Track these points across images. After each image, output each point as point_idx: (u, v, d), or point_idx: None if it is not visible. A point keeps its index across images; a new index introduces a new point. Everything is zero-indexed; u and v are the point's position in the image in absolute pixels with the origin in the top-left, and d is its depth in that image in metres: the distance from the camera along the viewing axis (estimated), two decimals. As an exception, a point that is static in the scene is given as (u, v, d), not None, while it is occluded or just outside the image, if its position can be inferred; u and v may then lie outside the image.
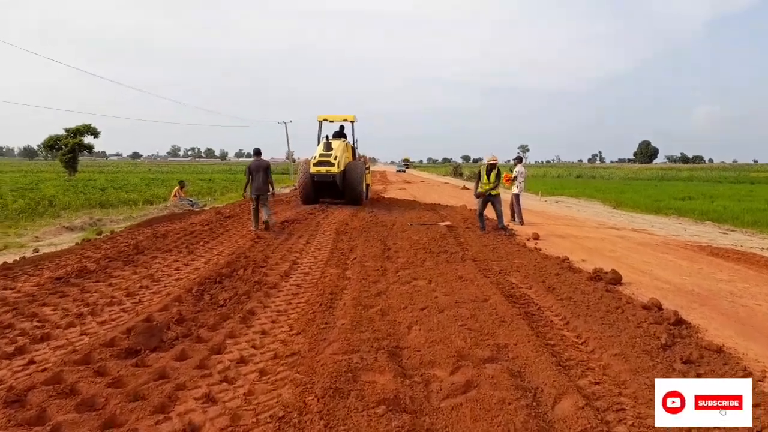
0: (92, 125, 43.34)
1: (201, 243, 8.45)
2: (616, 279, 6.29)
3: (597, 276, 6.30)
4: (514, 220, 12.27)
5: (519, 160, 13.38)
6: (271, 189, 10.21)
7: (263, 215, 10.07)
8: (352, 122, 17.38)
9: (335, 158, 14.78)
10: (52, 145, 43.24)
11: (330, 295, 5.33)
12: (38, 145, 45.66)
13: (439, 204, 17.17)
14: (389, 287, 5.71)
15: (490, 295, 5.27)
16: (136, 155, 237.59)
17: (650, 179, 51.80)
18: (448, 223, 11.23)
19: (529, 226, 11.66)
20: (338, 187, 15.14)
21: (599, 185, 34.82)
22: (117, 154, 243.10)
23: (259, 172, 9.99)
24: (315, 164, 14.86)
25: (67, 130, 42.38)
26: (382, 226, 10.70)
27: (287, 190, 25.33)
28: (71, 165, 41.85)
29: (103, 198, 18.54)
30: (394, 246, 8.30)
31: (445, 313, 4.60)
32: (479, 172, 10.72)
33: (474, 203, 12.35)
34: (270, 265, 6.83)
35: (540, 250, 8.53)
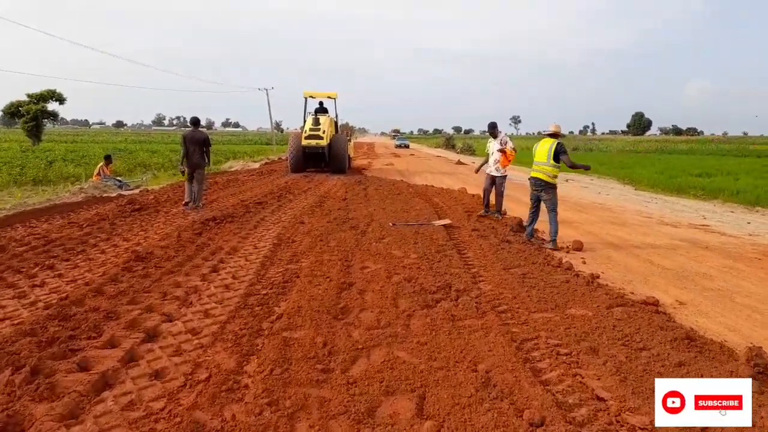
0: (57, 91, 40.03)
1: (48, 265, 5.08)
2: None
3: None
4: (498, 213, 8.72)
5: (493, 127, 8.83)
6: (207, 161, 9.33)
7: (194, 191, 9.03)
8: (335, 99, 18.66)
9: (323, 132, 16.42)
10: (13, 112, 39.85)
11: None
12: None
13: (432, 186, 13.78)
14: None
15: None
16: (120, 124, 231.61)
17: (650, 152, 49.95)
18: (446, 221, 7.91)
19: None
20: (325, 158, 16.91)
21: (601, 158, 32.40)
22: (100, 123, 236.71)
23: (196, 144, 9.07)
24: (306, 137, 16.50)
25: (29, 96, 38.96)
26: (351, 227, 7.35)
27: (267, 159, 21.74)
28: (34, 134, 38.74)
29: (45, 173, 15.75)
30: (361, 275, 4.99)
31: None
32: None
33: (475, 184, 8.92)
34: (92, 347, 3.49)
35: (599, 278, 5.27)
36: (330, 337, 3.48)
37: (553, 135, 6.84)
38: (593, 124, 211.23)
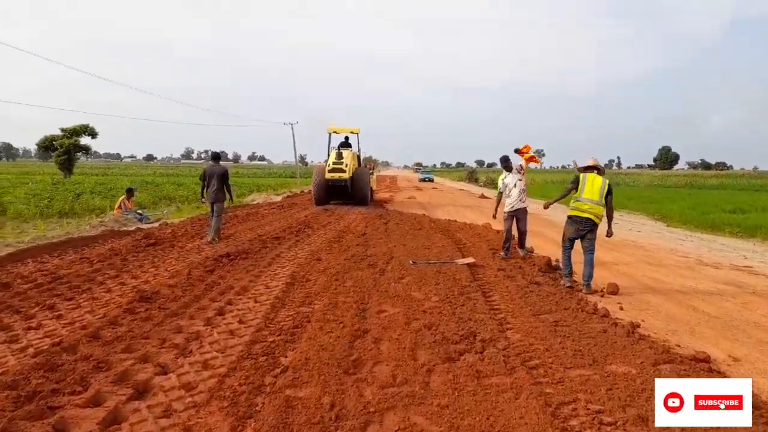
0: (90, 125, 41.56)
1: (49, 305, 4.83)
2: None
3: None
4: (524, 249, 8.14)
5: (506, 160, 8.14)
6: (229, 196, 9.51)
7: (212, 225, 9.15)
8: (357, 134, 19.49)
9: (346, 165, 17.03)
10: (47, 146, 41.33)
11: None
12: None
13: (455, 221, 13.37)
14: None
15: None
16: (150, 157, 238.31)
17: (678, 186, 49.07)
18: (469, 259, 7.49)
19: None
20: (348, 190, 17.36)
21: (629, 193, 31.44)
22: (131, 156, 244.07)
23: (213, 178, 9.19)
24: (330, 171, 17.07)
25: (63, 130, 40.41)
26: (369, 265, 6.99)
27: (290, 192, 21.68)
28: (66, 167, 40.08)
29: (72, 205, 16.10)
30: (377, 321, 4.60)
31: None
32: (577, 179, 6.35)
33: (500, 219, 8.40)
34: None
35: (639, 328, 4.79)
36: (339, 396, 3.08)
37: (595, 170, 6.42)
38: (618, 158, 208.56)
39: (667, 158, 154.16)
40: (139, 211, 13.33)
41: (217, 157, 9.68)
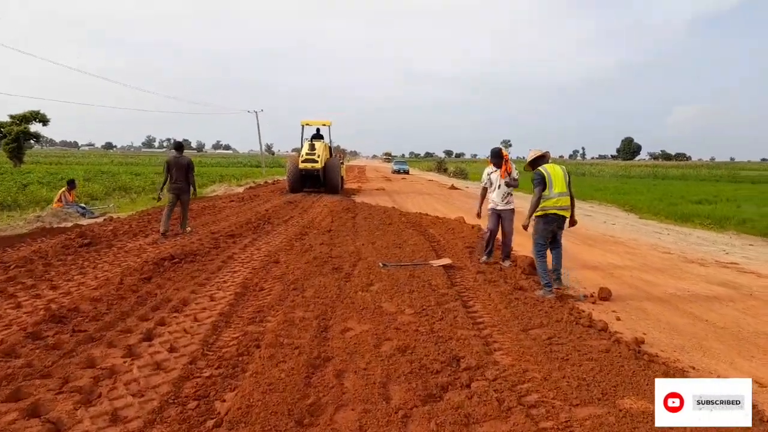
0: (41, 112, 39.36)
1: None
2: None
3: None
4: (508, 259, 7.07)
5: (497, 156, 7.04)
6: (192, 189, 9.16)
7: (180, 216, 9.03)
8: (329, 126, 20.39)
9: (318, 156, 18.12)
10: None
11: None
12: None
13: (426, 215, 12.66)
14: None
15: None
16: (109, 145, 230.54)
17: (642, 177, 49.72)
18: (445, 260, 6.77)
19: (573, 260, 7.32)
20: (320, 179, 18.40)
21: (596, 184, 31.65)
22: (89, 144, 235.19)
23: (181, 170, 8.87)
24: (303, 161, 18.19)
25: (12, 117, 38.06)
26: (334, 269, 6.19)
27: (252, 183, 20.53)
28: (16, 155, 37.74)
29: (15, 197, 14.44)
30: (341, 343, 3.81)
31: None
32: (542, 175, 5.53)
33: (473, 213, 7.63)
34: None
35: (642, 344, 4.17)
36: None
37: (543, 159, 5.80)
38: (583, 148, 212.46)
39: (629, 149, 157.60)
40: (82, 205, 12.14)
41: (180, 146, 9.35)
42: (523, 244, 7.64)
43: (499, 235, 7.06)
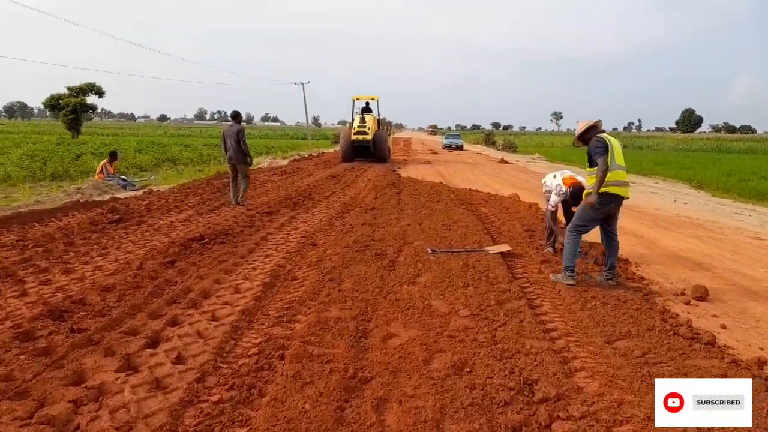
0: (96, 84, 40.44)
1: None
2: None
3: None
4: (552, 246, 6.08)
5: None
6: (248, 159, 8.97)
7: (240, 187, 8.93)
8: (377, 100, 21.50)
9: (368, 128, 19.37)
10: (53, 104, 40.30)
11: None
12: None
13: (477, 191, 11.71)
14: None
15: None
16: (164, 117, 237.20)
17: (705, 150, 46.10)
18: (503, 247, 5.90)
19: (651, 247, 6.30)
20: (370, 150, 19.70)
21: (655, 158, 29.16)
22: (145, 116, 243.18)
23: (232, 137, 8.78)
24: (354, 133, 19.56)
25: (69, 89, 39.25)
26: (376, 255, 5.45)
27: (297, 156, 20.11)
28: (74, 126, 39.04)
29: (68, 168, 15.00)
30: (383, 357, 3.08)
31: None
32: (604, 142, 4.53)
33: (528, 188, 6.58)
34: None
35: (766, 366, 3.26)
36: None
37: (595, 130, 4.80)
38: (639, 120, 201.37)
39: (690, 121, 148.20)
40: (123, 177, 11.90)
41: (236, 116, 9.20)
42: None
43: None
